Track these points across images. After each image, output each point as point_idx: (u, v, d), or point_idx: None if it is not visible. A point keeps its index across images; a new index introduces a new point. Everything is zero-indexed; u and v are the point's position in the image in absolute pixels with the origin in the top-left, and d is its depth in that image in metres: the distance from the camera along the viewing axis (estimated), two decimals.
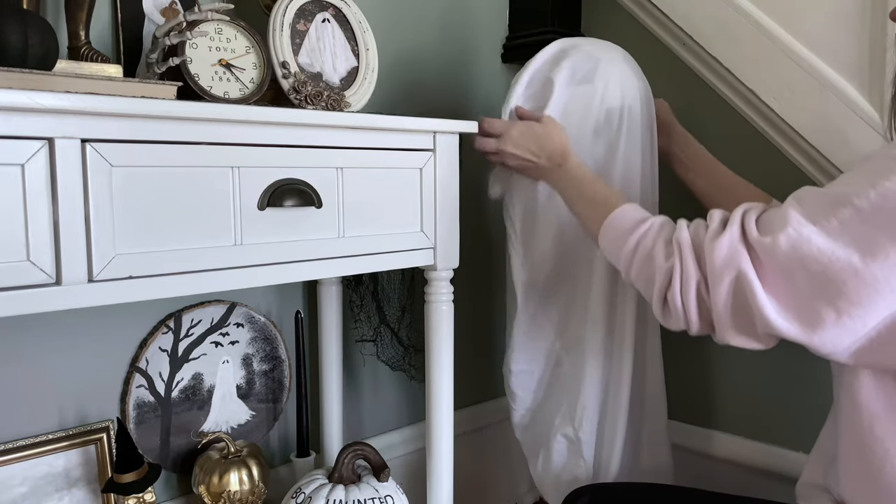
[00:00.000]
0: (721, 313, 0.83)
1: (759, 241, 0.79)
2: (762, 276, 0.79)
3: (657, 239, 0.91)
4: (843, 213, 0.74)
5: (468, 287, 1.57)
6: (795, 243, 0.76)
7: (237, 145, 0.85)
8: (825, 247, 0.74)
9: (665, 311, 0.89)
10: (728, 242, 0.81)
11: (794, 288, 0.77)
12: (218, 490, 1.11)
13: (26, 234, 0.70)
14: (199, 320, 1.18)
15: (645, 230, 0.93)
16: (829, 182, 0.81)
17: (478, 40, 1.58)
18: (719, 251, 0.81)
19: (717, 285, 0.82)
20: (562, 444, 1.22)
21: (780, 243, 0.77)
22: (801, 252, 0.76)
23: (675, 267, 0.86)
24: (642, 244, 0.92)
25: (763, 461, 1.36)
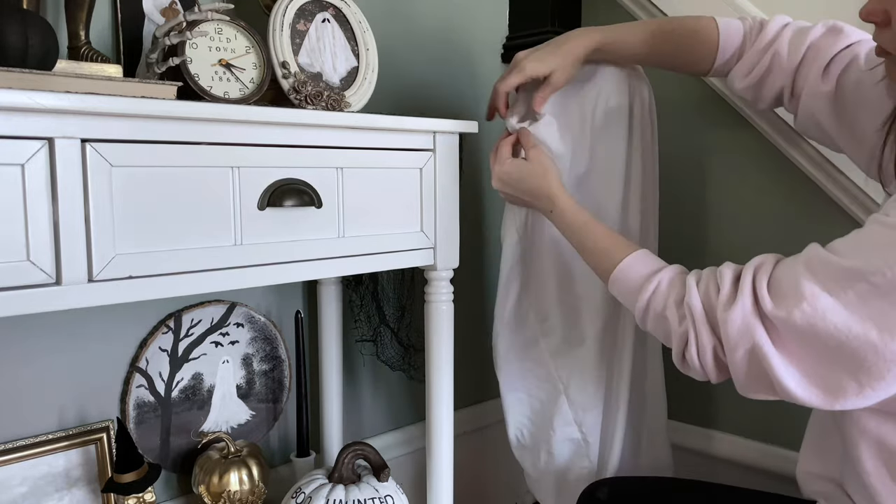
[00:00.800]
0: (739, 377, 0.83)
1: (775, 315, 0.77)
2: (780, 345, 0.78)
3: (667, 300, 0.89)
4: (859, 287, 0.72)
5: (468, 287, 1.57)
6: (811, 319, 0.74)
7: (237, 145, 0.85)
8: (842, 321, 0.73)
9: (685, 366, 0.89)
10: (741, 314, 0.80)
11: (813, 359, 0.76)
12: (218, 490, 1.12)
13: (26, 234, 0.70)
14: (199, 320, 1.18)
15: (653, 290, 0.91)
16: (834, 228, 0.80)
17: (478, 40, 1.58)
18: (733, 323, 0.80)
19: (732, 353, 0.81)
20: (566, 447, 1.21)
21: (796, 319, 0.75)
22: (817, 328, 0.74)
23: (689, 333, 0.86)
24: (653, 305, 0.91)
25: (763, 461, 1.36)
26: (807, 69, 1.00)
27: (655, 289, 0.91)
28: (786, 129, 1.28)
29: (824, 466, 0.95)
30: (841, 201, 1.24)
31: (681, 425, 1.46)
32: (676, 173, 1.44)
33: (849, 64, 0.97)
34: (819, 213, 1.27)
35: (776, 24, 1.04)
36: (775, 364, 0.77)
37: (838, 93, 0.97)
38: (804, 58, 1.00)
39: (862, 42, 0.98)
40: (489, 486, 1.68)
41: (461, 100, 1.55)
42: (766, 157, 1.33)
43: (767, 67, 1.03)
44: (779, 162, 1.31)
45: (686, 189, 1.44)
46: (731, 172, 1.39)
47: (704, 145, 1.42)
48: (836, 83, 0.97)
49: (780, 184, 1.32)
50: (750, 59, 1.05)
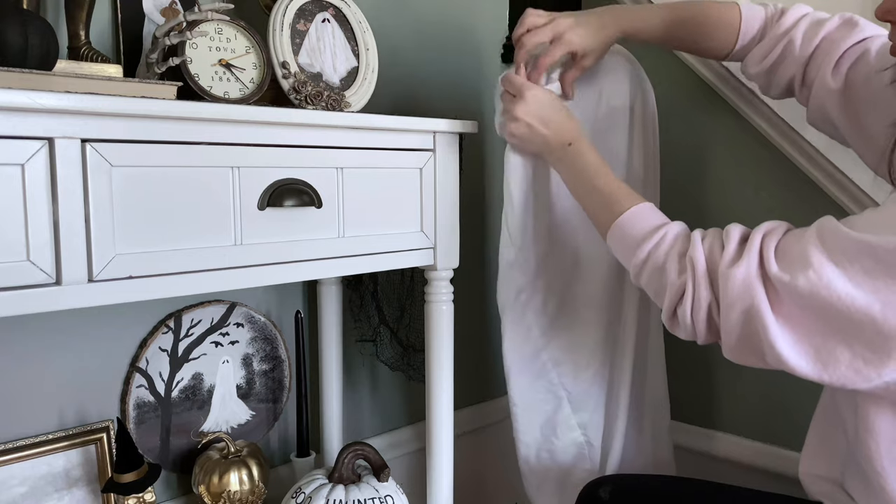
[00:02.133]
0: (729, 336, 0.82)
1: (779, 278, 0.77)
2: (777, 308, 0.78)
3: (670, 252, 0.88)
4: (867, 262, 0.72)
5: (468, 287, 1.57)
6: (815, 287, 0.74)
7: (237, 145, 0.85)
8: (846, 293, 0.73)
9: (673, 322, 0.89)
10: (744, 273, 0.80)
11: (810, 324, 0.76)
12: (218, 490, 1.11)
13: (26, 234, 0.70)
14: (199, 320, 1.18)
15: (658, 240, 0.90)
16: (847, 215, 0.79)
17: (478, 40, 1.58)
18: (734, 281, 0.80)
19: (728, 313, 0.81)
20: (570, 451, 1.21)
21: (800, 284, 0.75)
22: (820, 296, 0.74)
23: (686, 286, 0.85)
24: (654, 255, 0.90)
25: (764, 461, 1.36)
26: (819, 61, 1.00)
27: (660, 240, 0.90)
28: (785, 129, 1.28)
29: (826, 467, 0.95)
30: (839, 199, 1.24)
31: (683, 425, 1.46)
32: (676, 172, 1.44)
33: (859, 58, 0.96)
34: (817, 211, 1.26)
35: (795, 14, 1.04)
36: (770, 326, 0.77)
37: (847, 87, 0.97)
38: (817, 49, 1.00)
39: (875, 37, 0.97)
40: (489, 486, 1.68)
41: (461, 100, 1.55)
42: (765, 156, 1.33)
43: (780, 55, 1.03)
44: (778, 161, 1.32)
45: (686, 187, 1.44)
46: (730, 171, 1.39)
47: (704, 144, 1.42)
48: (845, 78, 0.97)
49: (779, 183, 1.32)
50: (765, 46, 1.05)
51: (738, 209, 1.38)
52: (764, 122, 1.31)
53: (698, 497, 1.03)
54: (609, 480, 1.07)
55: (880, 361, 0.73)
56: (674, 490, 1.06)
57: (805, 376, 0.78)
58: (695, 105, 1.42)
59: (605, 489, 1.04)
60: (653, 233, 0.91)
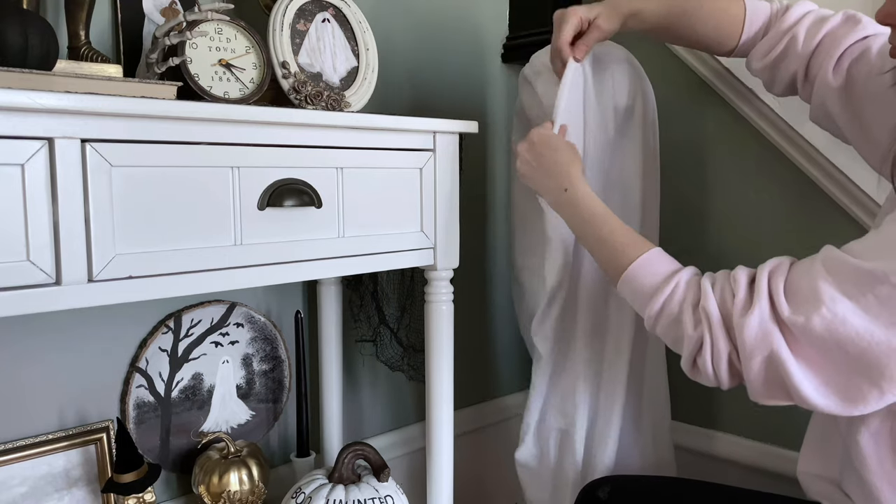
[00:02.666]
0: (754, 383, 0.82)
1: (793, 322, 0.76)
2: (797, 352, 0.77)
3: (683, 304, 0.87)
4: (879, 291, 0.71)
5: (468, 287, 1.57)
6: (831, 325, 0.73)
7: (237, 145, 0.85)
8: (863, 328, 0.72)
9: (695, 372, 0.88)
10: (758, 320, 0.78)
11: (833, 365, 0.75)
12: (218, 490, 1.11)
13: (26, 234, 0.70)
14: (199, 320, 1.18)
15: (670, 291, 0.88)
16: (848, 242, 0.79)
17: (478, 40, 1.58)
18: (750, 330, 0.79)
19: (748, 360, 0.80)
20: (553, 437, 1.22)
21: (815, 325, 0.74)
22: (837, 334, 0.73)
23: (704, 338, 0.84)
24: (668, 308, 0.88)
25: (764, 461, 1.36)
26: (821, 57, 1.00)
27: (672, 291, 0.88)
28: (785, 128, 1.28)
29: (824, 467, 0.95)
30: (837, 198, 1.24)
31: (683, 426, 1.46)
32: (677, 172, 1.44)
33: (861, 56, 0.96)
34: (817, 210, 1.27)
35: (799, 10, 1.04)
36: (793, 371, 0.76)
37: (849, 84, 0.97)
38: (819, 45, 1.00)
39: (877, 35, 0.96)
40: (489, 486, 1.68)
41: (461, 100, 1.55)
42: (764, 155, 1.33)
43: (783, 51, 1.03)
44: (778, 161, 1.32)
45: (686, 188, 1.44)
46: (730, 172, 1.39)
47: (704, 144, 1.42)
48: (846, 75, 0.97)
49: (779, 183, 1.32)
50: (769, 42, 1.05)
51: (739, 210, 1.38)
52: (764, 121, 1.31)
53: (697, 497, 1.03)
54: (607, 481, 1.07)
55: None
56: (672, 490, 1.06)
57: (835, 414, 0.77)
58: (695, 105, 1.42)
59: (604, 489, 1.04)
60: (664, 284, 0.89)
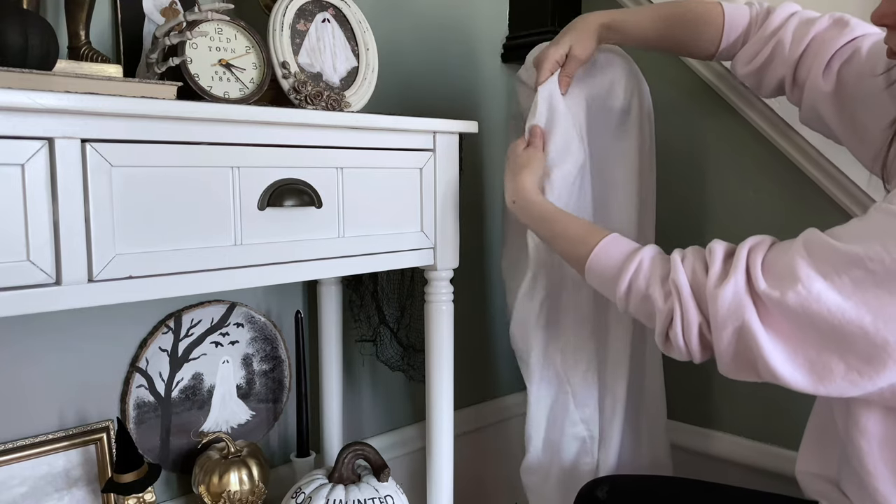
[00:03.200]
0: (723, 355, 0.82)
1: (768, 294, 0.77)
2: (769, 323, 0.78)
3: (651, 278, 0.88)
4: (855, 273, 0.72)
5: (468, 287, 1.57)
6: (805, 301, 0.74)
7: (237, 145, 0.85)
8: (836, 305, 0.73)
9: (667, 345, 0.88)
10: (732, 292, 0.79)
11: (802, 338, 0.76)
12: (218, 490, 1.11)
13: (26, 234, 0.70)
14: (199, 320, 1.18)
15: (635, 269, 0.89)
16: (832, 226, 0.80)
17: (478, 40, 1.58)
18: (723, 300, 0.80)
19: (719, 331, 0.81)
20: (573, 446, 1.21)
21: (789, 299, 0.75)
22: (811, 310, 0.74)
23: (675, 310, 0.85)
24: (635, 285, 0.89)
25: (761, 461, 1.36)
26: (809, 61, 1.00)
27: (637, 268, 0.89)
28: (783, 127, 1.28)
29: (822, 466, 0.95)
30: (837, 197, 1.24)
31: (680, 425, 1.46)
32: (675, 172, 1.44)
33: (851, 57, 0.96)
34: (816, 210, 1.28)
35: (783, 13, 1.04)
36: (763, 343, 0.77)
37: (840, 87, 0.97)
38: (807, 49, 1.00)
39: (866, 36, 0.97)
40: (489, 486, 1.68)
41: (461, 100, 1.55)
42: (763, 155, 1.33)
43: (769, 56, 1.03)
44: (776, 160, 1.32)
45: (685, 188, 1.44)
46: (728, 170, 1.39)
47: (702, 144, 1.42)
48: (837, 79, 0.97)
49: (777, 181, 1.33)
50: (753, 47, 1.05)
51: (738, 209, 1.38)
52: (763, 121, 1.31)
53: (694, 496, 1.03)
54: (606, 481, 1.08)
55: (875, 371, 0.73)
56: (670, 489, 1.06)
57: (801, 390, 0.78)
58: (693, 104, 1.42)
59: (603, 489, 1.04)
60: (627, 262, 0.90)
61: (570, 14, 1.59)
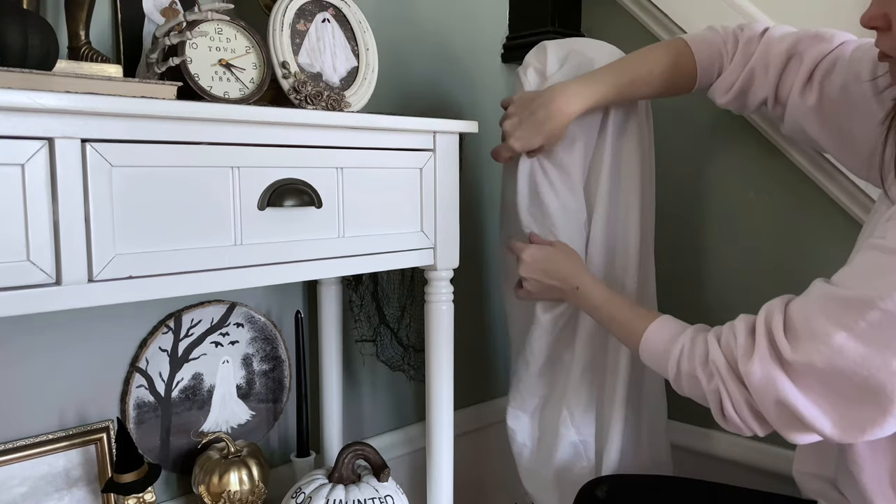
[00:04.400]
0: (777, 426, 0.84)
1: (794, 360, 0.78)
2: (805, 389, 0.79)
3: (694, 362, 0.90)
4: (871, 316, 0.73)
5: (468, 287, 1.57)
6: (830, 359, 0.75)
7: (237, 145, 0.85)
8: (859, 355, 0.73)
9: (726, 423, 0.89)
10: (759, 364, 0.81)
11: (841, 398, 0.77)
12: (218, 490, 1.11)
13: (26, 234, 0.70)
14: (199, 320, 1.18)
15: (679, 353, 0.92)
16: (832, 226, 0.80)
17: (478, 40, 1.58)
18: (755, 375, 0.81)
19: (763, 403, 0.82)
20: (567, 450, 1.22)
21: (815, 360, 0.76)
22: (838, 366, 0.75)
23: (720, 390, 0.86)
24: (683, 368, 0.92)
25: (762, 461, 1.36)
26: (790, 78, 1.00)
27: (681, 352, 0.92)
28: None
29: (819, 466, 0.95)
30: (837, 197, 1.24)
31: (680, 425, 1.46)
32: (676, 174, 1.44)
33: (832, 67, 0.96)
34: (816, 210, 1.27)
35: (754, 32, 1.04)
36: (804, 411, 0.78)
37: (823, 101, 0.97)
38: (786, 68, 1.01)
39: (846, 44, 0.97)
40: (489, 486, 1.68)
41: (461, 100, 1.55)
42: (765, 157, 1.33)
43: (748, 80, 1.04)
44: (778, 162, 1.32)
45: (685, 190, 1.44)
46: (728, 170, 1.39)
47: (704, 146, 1.42)
48: (819, 92, 0.97)
49: (777, 181, 1.32)
50: (729, 77, 1.06)
51: (738, 209, 1.38)
52: (763, 121, 1.31)
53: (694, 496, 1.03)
54: (606, 480, 1.08)
55: None
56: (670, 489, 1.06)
57: (850, 441, 0.79)
58: (695, 105, 1.42)
59: (602, 489, 1.04)
60: (672, 345, 0.93)
61: (570, 14, 1.59)
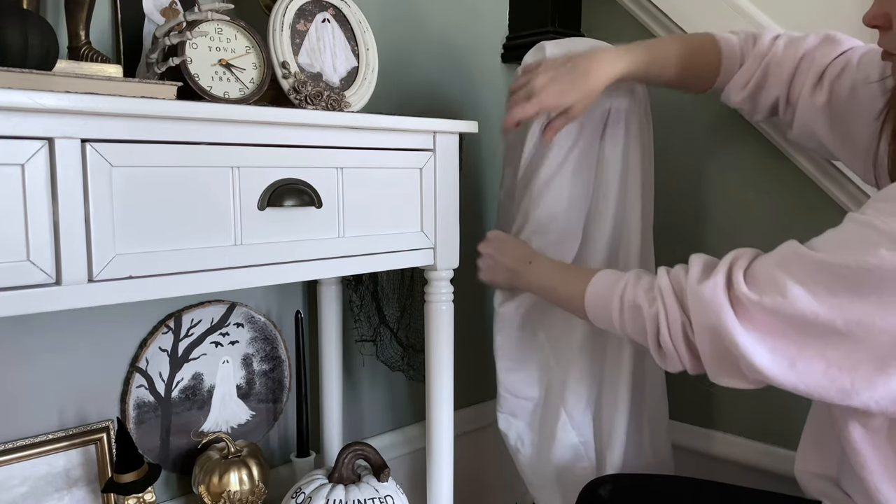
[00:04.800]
0: (708, 359, 0.85)
1: (747, 296, 0.80)
2: (746, 320, 0.80)
3: (636, 289, 0.93)
4: (827, 279, 0.75)
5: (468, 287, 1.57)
6: (781, 305, 0.77)
7: (237, 145, 0.85)
8: (810, 309, 0.76)
9: (661, 355, 0.92)
10: (711, 289, 0.82)
11: (782, 335, 0.79)
12: (218, 490, 1.11)
13: (26, 234, 0.70)
14: (199, 320, 1.18)
15: (623, 285, 0.95)
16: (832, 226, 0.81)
17: (478, 40, 1.58)
18: (702, 296, 0.83)
19: (700, 332, 0.84)
20: (567, 452, 1.22)
21: (766, 302, 0.78)
22: (787, 312, 0.77)
23: (659, 312, 0.89)
24: (626, 298, 0.94)
25: (764, 461, 1.36)
26: (801, 78, 1.01)
27: (626, 284, 0.95)
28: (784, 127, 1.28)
29: (822, 466, 0.95)
30: (837, 197, 1.24)
31: (681, 425, 1.46)
32: (676, 174, 1.44)
33: (842, 70, 0.97)
34: (816, 210, 1.27)
35: (768, 36, 1.06)
36: (740, 339, 0.79)
37: (833, 101, 0.98)
38: (798, 68, 1.02)
39: (855, 49, 0.99)
40: (489, 486, 1.68)
41: (461, 100, 1.55)
42: (765, 157, 1.33)
43: (763, 77, 1.05)
44: (778, 160, 1.31)
45: (685, 190, 1.44)
46: (728, 170, 1.39)
47: (703, 146, 1.42)
48: (829, 92, 0.98)
49: (777, 181, 1.32)
50: (746, 73, 1.06)
51: (738, 209, 1.38)
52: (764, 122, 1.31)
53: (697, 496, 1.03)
54: (609, 480, 1.08)
55: (853, 367, 0.75)
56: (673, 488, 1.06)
57: (785, 385, 0.79)
58: (695, 104, 1.41)
59: (605, 488, 1.04)
60: (617, 282, 0.96)
61: (571, 14, 1.59)
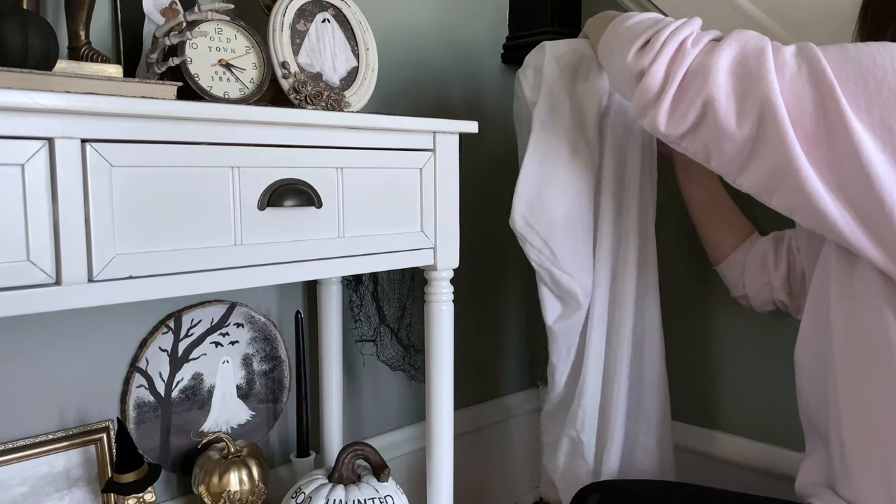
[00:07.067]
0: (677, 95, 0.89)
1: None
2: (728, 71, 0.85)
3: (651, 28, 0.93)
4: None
5: (468, 287, 1.57)
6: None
7: (237, 145, 0.85)
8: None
9: (639, 56, 0.92)
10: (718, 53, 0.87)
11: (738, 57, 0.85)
12: (218, 490, 1.12)
13: (26, 234, 0.70)
14: (199, 320, 1.18)
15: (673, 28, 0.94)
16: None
17: (478, 40, 1.58)
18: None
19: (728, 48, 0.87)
20: (567, 445, 1.22)
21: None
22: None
23: (657, 35, 0.91)
24: (640, 31, 0.94)
25: (765, 462, 1.36)
26: None
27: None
28: None
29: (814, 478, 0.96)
30: None
31: (683, 426, 1.46)
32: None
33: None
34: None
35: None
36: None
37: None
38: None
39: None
40: (489, 486, 1.68)
41: (461, 100, 1.55)
42: None
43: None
44: None
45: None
46: None
47: None
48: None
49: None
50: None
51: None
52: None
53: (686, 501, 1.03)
54: (598, 487, 1.08)
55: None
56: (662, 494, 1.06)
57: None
58: None
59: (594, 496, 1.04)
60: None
61: (570, 15, 1.59)
